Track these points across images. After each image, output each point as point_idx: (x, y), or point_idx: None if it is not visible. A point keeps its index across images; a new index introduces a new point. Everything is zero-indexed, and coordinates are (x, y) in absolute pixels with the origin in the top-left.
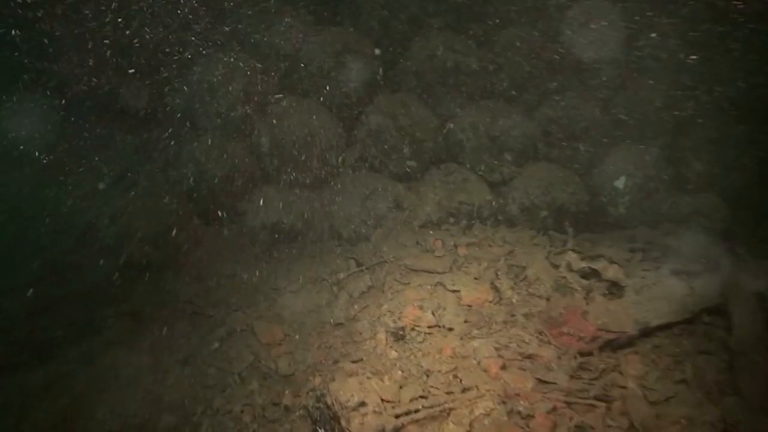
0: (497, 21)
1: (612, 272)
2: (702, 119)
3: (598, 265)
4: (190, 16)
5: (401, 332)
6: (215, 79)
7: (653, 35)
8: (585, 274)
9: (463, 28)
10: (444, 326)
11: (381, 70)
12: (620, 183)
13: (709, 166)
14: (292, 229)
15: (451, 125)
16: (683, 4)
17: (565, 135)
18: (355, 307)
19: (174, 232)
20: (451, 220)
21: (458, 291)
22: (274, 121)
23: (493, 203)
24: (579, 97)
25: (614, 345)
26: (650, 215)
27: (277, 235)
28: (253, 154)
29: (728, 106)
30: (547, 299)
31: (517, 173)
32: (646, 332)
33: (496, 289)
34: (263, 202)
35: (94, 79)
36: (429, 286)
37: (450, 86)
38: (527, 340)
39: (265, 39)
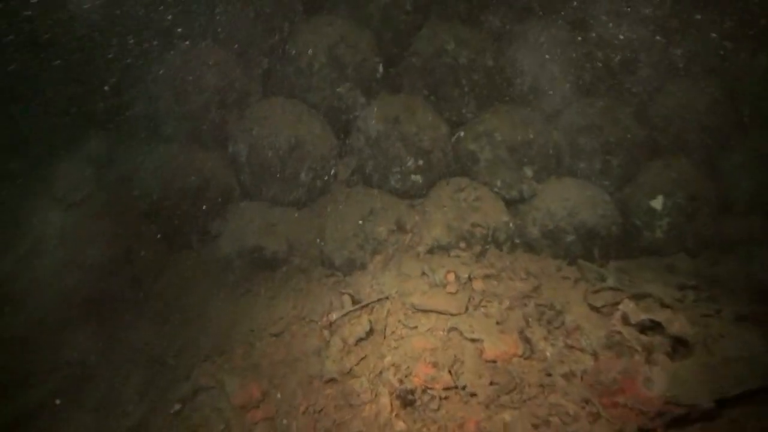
0: (517, 12)
1: (678, 326)
2: (751, 129)
3: (661, 317)
4: (156, 1)
5: (410, 395)
6: (184, 77)
7: (695, 32)
8: (644, 328)
9: (477, 19)
10: (464, 389)
11: (381, 67)
12: (657, 203)
13: (758, 184)
14: (275, 255)
15: (463, 133)
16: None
17: (594, 146)
18: (351, 357)
19: (132, 258)
20: (462, 244)
21: (479, 341)
22: (254, 126)
23: (511, 225)
24: (611, 101)
25: (685, 421)
26: (692, 241)
27: (256, 263)
28: (229, 165)
29: None
30: (593, 355)
31: (538, 190)
32: (725, 404)
33: (526, 340)
34: (240, 222)
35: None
36: (441, 332)
37: (462, 87)
38: (571, 412)
39: (244, 29)
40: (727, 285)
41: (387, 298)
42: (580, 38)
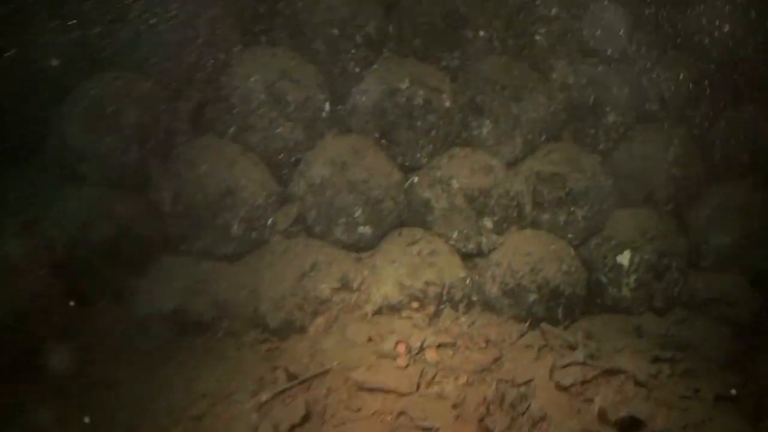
0: (477, 49)
1: (661, 422)
2: (723, 178)
3: (643, 410)
4: (68, 23)
5: None
6: (101, 110)
7: (664, 77)
8: (624, 427)
9: (434, 56)
10: None
11: (328, 105)
12: (624, 258)
13: (729, 238)
14: (201, 318)
15: (417, 179)
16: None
17: (558, 196)
18: None
19: (31, 319)
20: (415, 304)
21: (433, 430)
22: (181, 169)
23: (468, 282)
24: (574, 148)
25: None
26: (660, 299)
27: (178, 327)
28: (151, 213)
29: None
30: None
31: (498, 244)
32: None
33: (486, 431)
34: (162, 279)
35: None
36: (389, 417)
37: (416, 130)
38: None
39: (173, 59)
40: (700, 350)
41: (328, 371)
42: (544, 80)
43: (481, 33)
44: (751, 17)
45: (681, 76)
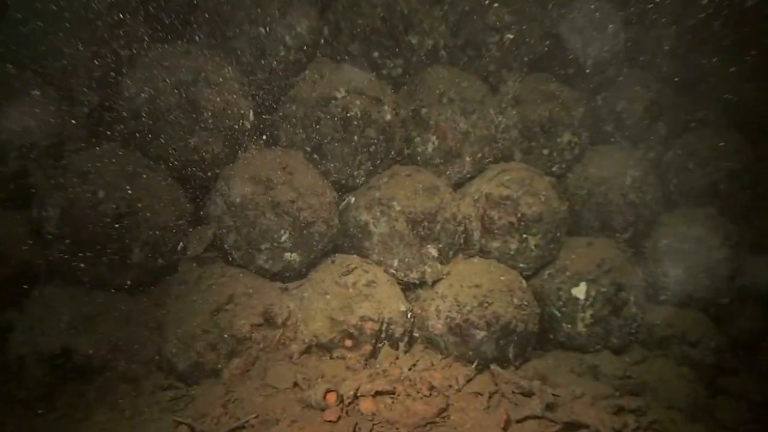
0: (421, 57)
1: None
2: (679, 206)
3: None
4: None
5: None
6: None
7: (620, 95)
8: None
9: (375, 62)
10: None
11: (251, 113)
12: (580, 291)
13: (687, 271)
14: (89, 361)
15: (353, 200)
16: None
17: (509, 221)
18: None
19: None
20: (349, 342)
21: None
22: (71, 183)
23: (410, 316)
24: (528, 170)
25: None
26: (617, 336)
27: (62, 372)
28: (33, 234)
29: (716, 188)
30: None
31: (444, 273)
32: None
33: None
34: (43, 313)
35: None
36: None
37: (353, 144)
38: None
39: (66, 53)
40: (662, 395)
41: (243, 427)
42: (493, 93)
43: (427, 39)
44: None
45: (638, 96)
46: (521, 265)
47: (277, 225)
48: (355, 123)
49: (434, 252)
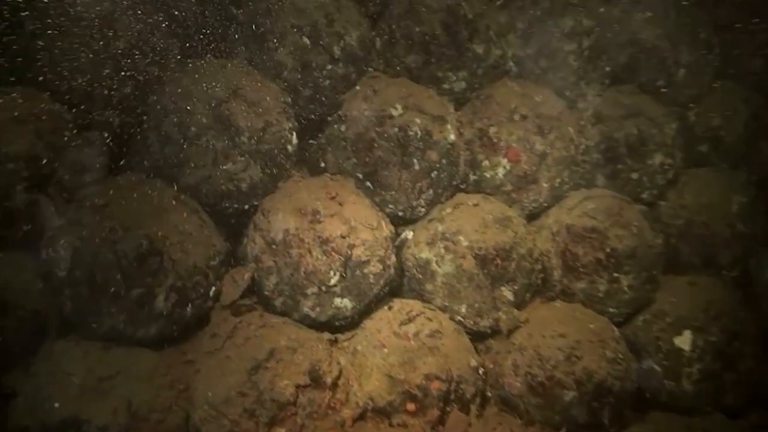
0: (487, 66)
1: None
2: None
3: None
4: None
5: None
6: None
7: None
8: None
9: (435, 77)
10: None
11: (294, 136)
12: (684, 341)
13: None
14: (105, 429)
15: (411, 235)
16: None
17: (595, 258)
18: None
19: None
20: (411, 406)
21: None
22: (84, 219)
23: (481, 372)
24: (613, 196)
25: None
26: (732, 396)
27: None
28: (42, 279)
29: None
30: None
31: (521, 320)
32: None
33: None
34: (52, 374)
35: None
36: None
37: (412, 169)
38: None
39: (87, 75)
40: None
41: None
42: (570, 109)
43: (494, 48)
44: None
45: (736, 111)
46: (612, 309)
47: (325, 265)
48: (415, 145)
49: (509, 295)
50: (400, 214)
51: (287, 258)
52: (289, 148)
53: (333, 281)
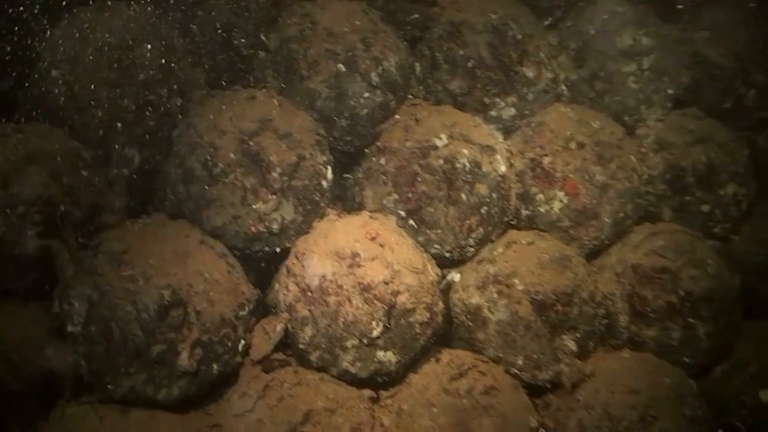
0: (538, 91)
1: None
2: None
3: None
4: None
5: None
6: None
7: None
8: None
9: (479, 102)
10: None
11: (329, 170)
12: None
13: None
14: None
15: (459, 277)
16: None
17: (667, 301)
18: None
19: None
20: None
21: None
22: (103, 267)
23: None
24: (684, 230)
25: None
26: None
27: None
28: (55, 335)
29: None
30: None
31: (586, 373)
32: None
33: None
34: None
35: None
36: None
37: (460, 205)
38: None
39: (106, 108)
40: None
41: None
42: (632, 136)
43: (545, 71)
44: None
45: None
46: (687, 360)
47: (367, 315)
48: (463, 178)
49: (571, 344)
50: (447, 255)
51: (324, 307)
52: (324, 183)
53: (375, 333)
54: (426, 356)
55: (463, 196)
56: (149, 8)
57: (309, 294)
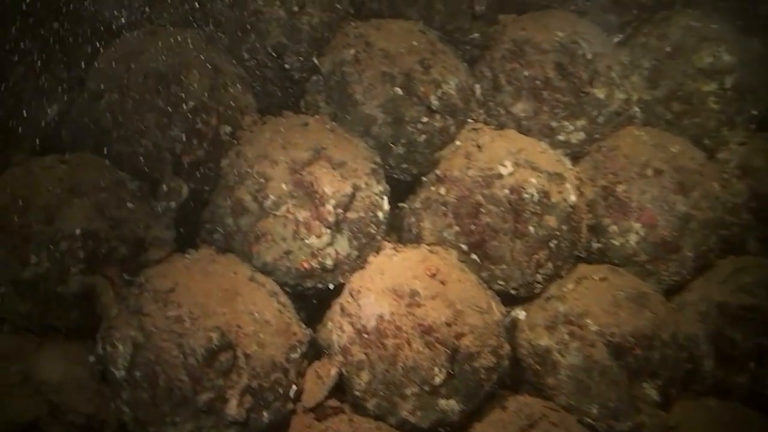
0: (610, 113)
1: None
2: None
3: None
4: None
5: None
6: (23, 208)
7: None
8: None
9: (546, 125)
10: None
11: (386, 201)
12: None
13: None
14: None
15: (524, 315)
16: None
17: (758, 344)
18: None
19: None
20: None
21: None
22: (148, 305)
23: None
24: None
25: None
26: None
27: None
28: (95, 378)
29: None
30: None
31: (669, 425)
32: None
33: None
34: None
35: None
36: None
37: (527, 237)
38: None
39: (153, 138)
40: None
41: None
42: (713, 161)
43: (617, 92)
44: None
45: None
46: None
47: (428, 360)
48: (531, 209)
49: (652, 393)
50: (513, 292)
51: (381, 350)
52: (380, 215)
53: (437, 380)
54: (491, 404)
55: (531, 228)
56: (198, 33)
57: (365, 336)
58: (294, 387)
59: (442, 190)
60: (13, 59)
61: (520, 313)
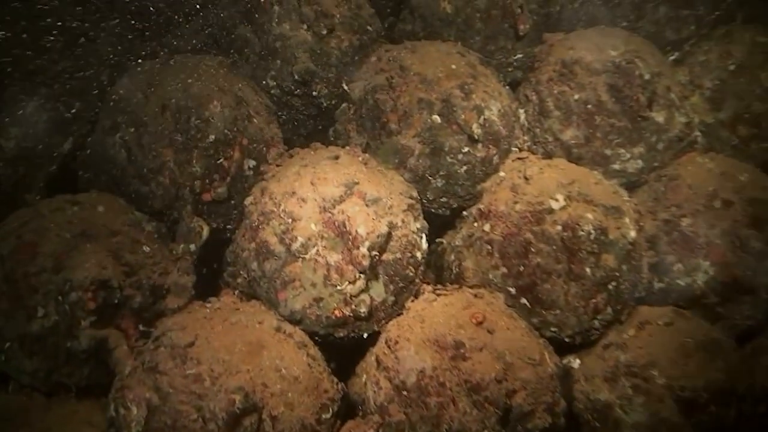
0: (669, 139)
1: None
2: None
3: None
4: None
5: None
6: (32, 253)
7: None
8: None
9: (599, 153)
10: None
11: (424, 239)
12: None
13: None
14: None
15: (578, 363)
16: None
17: None
18: None
19: None
20: None
21: None
22: (169, 362)
23: None
24: None
25: None
26: None
27: None
28: None
29: None
30: None
31: None
32: None
33: None
34: None
35: None
36: None
37: (583, 280)
38: None
39: (169, 174)
40: None
41: None
42: None
43: (677, 115)
44: None
45: None
46: None
47: (477, 422)
48: (587, 248)
49: None
50: (567, 340)
51: (423, 410)
52: (419, 255)
53: None
54: None
55: (587, 269)
56: (219, 60)
57: (404, 393)
58: None
59: (487, 227)
60: (24, 93)
61: (574, 361)
